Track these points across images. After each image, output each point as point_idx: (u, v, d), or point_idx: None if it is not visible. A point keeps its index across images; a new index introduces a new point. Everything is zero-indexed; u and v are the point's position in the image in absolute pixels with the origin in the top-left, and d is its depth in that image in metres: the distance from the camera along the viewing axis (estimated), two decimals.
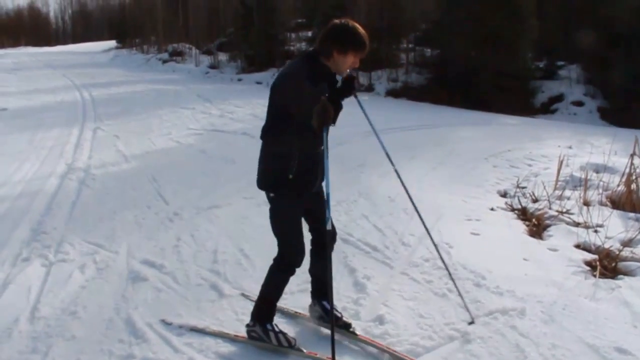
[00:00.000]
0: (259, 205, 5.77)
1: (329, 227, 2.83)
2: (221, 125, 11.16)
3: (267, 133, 3.10)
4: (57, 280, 4.20)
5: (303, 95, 2.87)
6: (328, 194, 2.88)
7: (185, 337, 3.35)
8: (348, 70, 3.08)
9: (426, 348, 3.22)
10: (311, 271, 3.48)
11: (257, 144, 3.25)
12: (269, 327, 3.22)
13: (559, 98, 17.35)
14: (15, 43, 55.19)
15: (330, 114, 2.79)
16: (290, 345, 3.18)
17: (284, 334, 3.21)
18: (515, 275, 4.17)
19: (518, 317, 3.54)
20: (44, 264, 4.50)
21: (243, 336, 3.31)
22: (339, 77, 3.11)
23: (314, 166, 3.11)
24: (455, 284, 3.70)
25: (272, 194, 3.15)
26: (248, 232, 5.11)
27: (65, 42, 62.01)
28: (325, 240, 2.85)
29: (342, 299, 3.78)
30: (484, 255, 4.56)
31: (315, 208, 3.23)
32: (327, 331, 3.34)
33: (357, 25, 3.01)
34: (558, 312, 3.62)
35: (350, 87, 3.08)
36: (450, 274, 3.76)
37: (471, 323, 3.48)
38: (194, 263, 4.47)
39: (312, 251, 3.41)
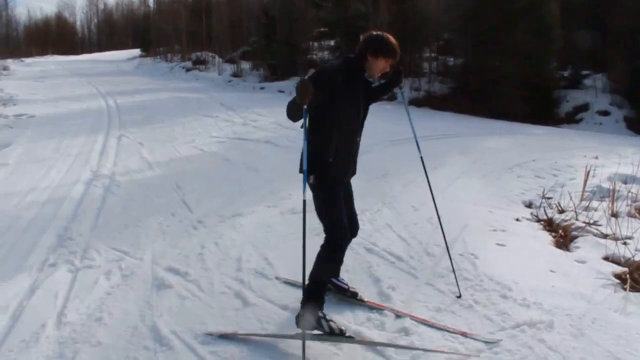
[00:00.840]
0: (283, 214, 5.80)
1: None
2: (244, 134, 11.19)
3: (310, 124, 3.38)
4: (83, 286, 4.25)
5: (335, 87, 3.30)
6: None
7: (210, 346, 3.35)
8: (378, 75, 3.61)
9: None
10: None
11: (280, 152, 3.29)
12: (320, 314, 3.30)
13: (584, 107, 17.11)
14: (42, 51, 56.06)
15: (308, 91, 3.08)
16: (342, 333, 3.27)
17: (335, 322, 3.30)
18: (542, 287, 4.09)
19: (546, 330, 3.47)
20: (70, 270, 4.55)
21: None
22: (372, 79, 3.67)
23: (351, 153, 3.53)
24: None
25: (312, 182, 3.36)
26: (272, 241, 5.11)
27: (90, 51, 62.87)
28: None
29: (367, 309, 3.75)
30: (510, 266, 4.49)
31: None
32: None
33: (390, 36, 3.53)
34: (587, 325, 3.54)
35: (398, 78, 3.84)
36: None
37: (458, 297, 3.90)
38: (218, 271, 4.47)
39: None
